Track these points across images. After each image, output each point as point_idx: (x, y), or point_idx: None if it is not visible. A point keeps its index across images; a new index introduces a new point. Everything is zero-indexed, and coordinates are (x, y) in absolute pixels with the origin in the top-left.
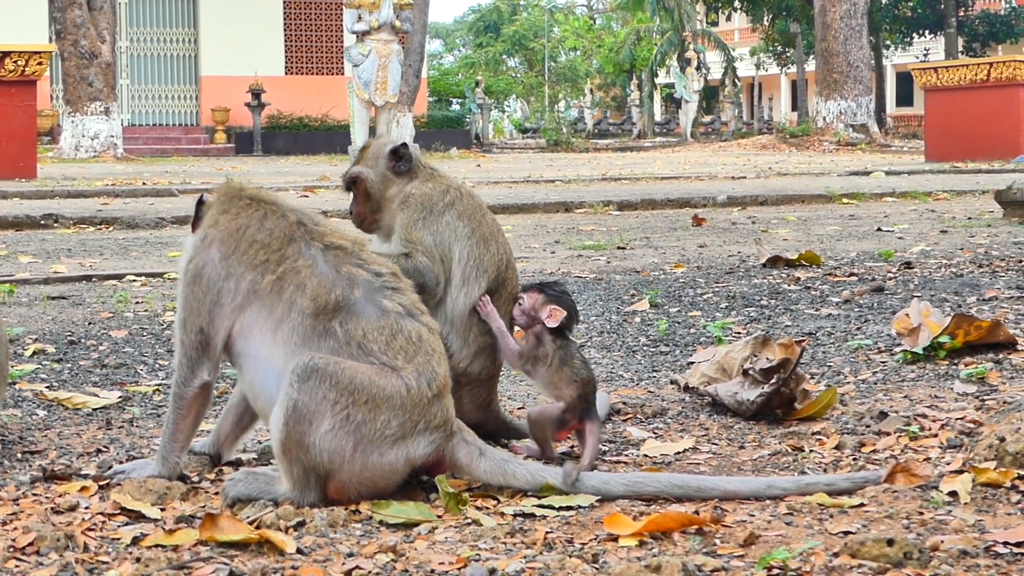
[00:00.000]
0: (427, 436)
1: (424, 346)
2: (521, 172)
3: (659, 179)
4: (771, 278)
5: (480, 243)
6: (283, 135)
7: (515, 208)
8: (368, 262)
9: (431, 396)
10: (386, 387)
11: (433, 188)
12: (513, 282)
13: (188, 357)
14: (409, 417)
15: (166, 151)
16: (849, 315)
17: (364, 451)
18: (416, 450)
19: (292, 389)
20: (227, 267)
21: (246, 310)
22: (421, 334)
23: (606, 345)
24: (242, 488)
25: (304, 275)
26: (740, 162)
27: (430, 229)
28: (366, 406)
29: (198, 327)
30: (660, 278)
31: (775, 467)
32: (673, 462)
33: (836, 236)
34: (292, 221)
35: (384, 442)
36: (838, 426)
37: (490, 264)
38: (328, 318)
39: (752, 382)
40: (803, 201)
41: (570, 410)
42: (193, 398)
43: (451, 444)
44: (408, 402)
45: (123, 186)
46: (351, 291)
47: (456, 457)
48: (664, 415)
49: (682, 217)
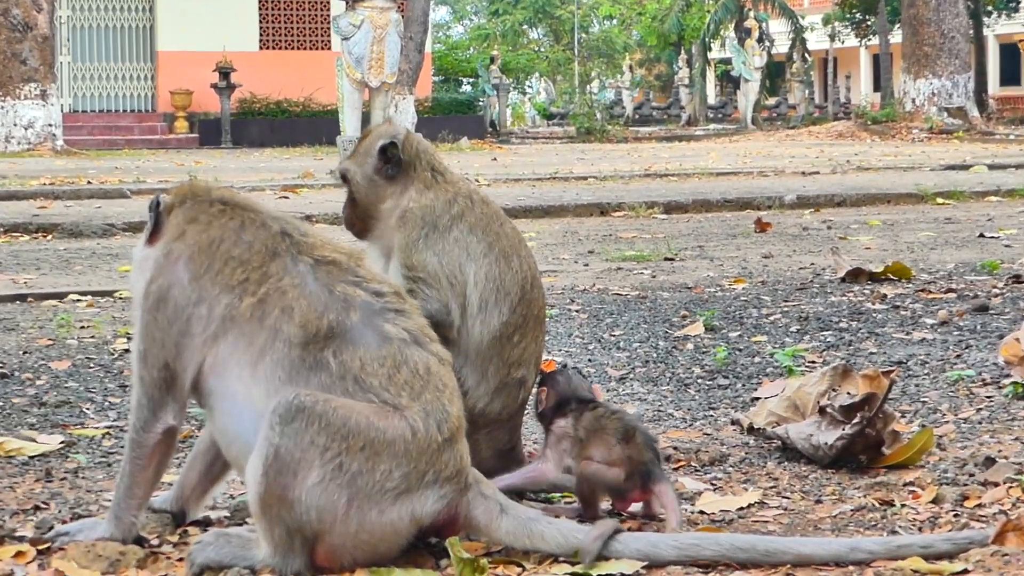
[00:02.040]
0: (436, 489)
1: (433, 380)
2: (546, 167)
3: (714, 175)
4: (851, 295)
5: (500, 260)
6: (257, 123)
7: (539, 211)
8: (367, 279)
9: (441, 441)
10: (387, 430)
11: (436, 198)
12: (540, 304)
13: (149, 397)
14: (415, 467)
15: (116, 143)
16: (947, 340)
17: (360, 508)
18: (423, 507)
19: (273, 433)
20: (198, 289)
21: (221, 340)
22: (430, 366)
23: (652, 378)
24: (212, 553)
25: (291, 297)
26: (812, 154)
27: (434, 249)
28: (362, 453)
29: (162, 362)
30: (717, 296)
31: (859, 525)
32: (735, 520)
33: (930, 244)
34: (275, 231)
35: (385, 497)
36: (935, 475)
37: (512, 284)
38: (319, 348)
39: (831, 422)
40: (889, 201)
41: (630, 477)
42: (154, 445)
43: (466, 499)
44: (414, 448)
45: (64, 186)
46: (347, 315)
47: (472, 515)
48: (724, 462)
49: (742, 221)
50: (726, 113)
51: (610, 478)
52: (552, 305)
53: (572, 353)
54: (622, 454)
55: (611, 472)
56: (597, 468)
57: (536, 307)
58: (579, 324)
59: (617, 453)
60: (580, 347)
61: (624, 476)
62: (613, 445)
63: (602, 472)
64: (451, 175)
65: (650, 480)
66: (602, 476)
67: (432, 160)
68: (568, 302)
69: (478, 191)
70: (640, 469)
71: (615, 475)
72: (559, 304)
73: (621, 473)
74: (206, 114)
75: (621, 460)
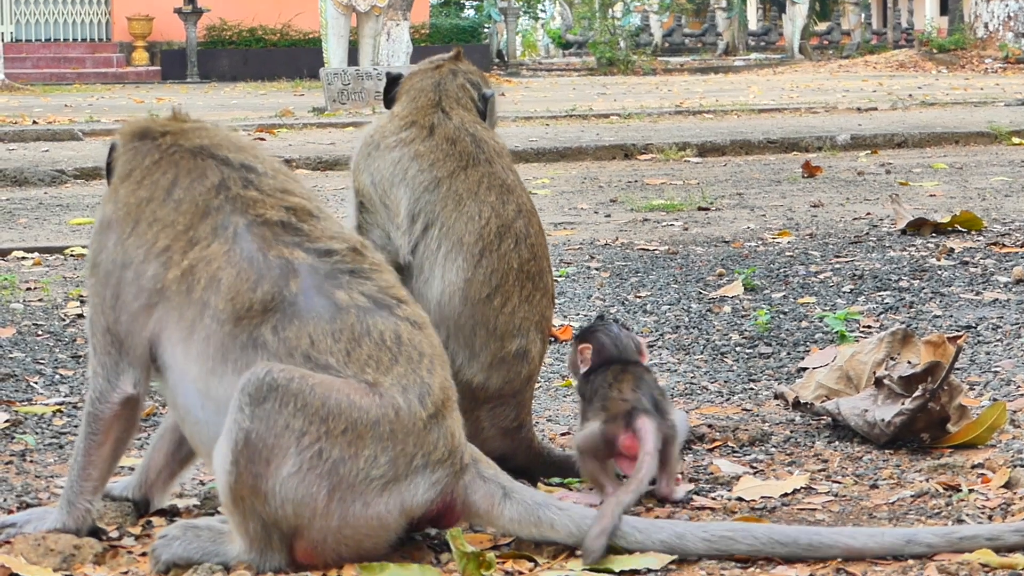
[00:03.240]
0: (428, 475)
1: (405, 350)
2: (562, 103)
3: (756, 112)
4: (913, 250)
5: (448, 200)
6: (228, 53)
7: (554, 154)
8: (314, 237)
9: (426, 417)
10: (370, 410)
11: (390, 122)
12: (524, 259)
13: (102, 363)
14: (402, 449)
15: (65, 76)
16: (1023, 301)
17: (343, 500)
18: (414, 496)
19: (243, 415)
20: (123, 255)
21: (155, 311)
22: (400, 333)
23: (684, 345)
24: (179, 548)
25: (217, 265)
26: (869, 87)
27: (370, 170)
28: (344, 438)
29: (103, 326)
30: (758, 251)
31: (920, 513)
32: (779, 507)
33: (1004, 190)
34: (211, 185)
35: (370, 487)
36: (1008, 456)
37: (467, 232)
38: (255, 323)
39: (888, 395)
40: (957, 141)
41: (611, 419)
42: (112, 418)
43: (462, 483)
44: (399, 429)
45: (6, 126)
46: (286, 283)
47: (471, 501)
48: (766, 442)
49: (788, 165)
50: (770, 41)
51: (594, 433)
52: (569, 263)
53: (591, 318)
54: (620, 405)
55: (591, 425)
56: (585, 432)
57: (515, 262)
58: (599, 284)
59: (611, 402)
60: (601, 310)
61: (604, 418)
62: (621, 400)
63: (588, 431)
64: (450, 113)
65: (633, 418)
66: (590, 434)
67: (437, 95)
68: (587, 259)
69: (455, 129)
70: (623, 409)
71: (595, 427)
72: (577, 261)
73: (599, 423)
74: (169, 43)
75: (609, 407)
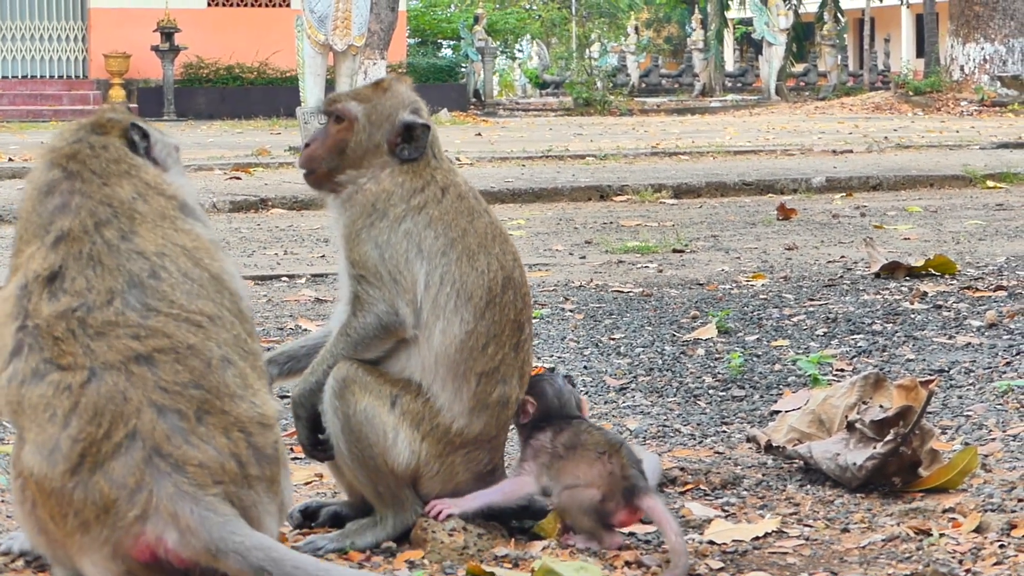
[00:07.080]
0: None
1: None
2: (539, 144)
3: (731, 154)
4: (887, 293)
5: (462, 259)
6: (205, 92)
7: (530, 195)
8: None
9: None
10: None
11: (401, 184)
12: (518, 308)
13: None
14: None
15: (41, 113)
16: (995, 345)
17: None
18: None
19: None
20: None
21: None
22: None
23: (657, 388)
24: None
25: None
26: (844, 129)
27: (376, 241)
28: None
29: None
30: (732, 293)
31: (891, 557)
32: (750, 551)
33: (978, 234)
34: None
35: None
36: (979, 500)
37: (476, 287)
38: None
39: (860, 439)
40: (932, 185)
41: (611, 496)
42: None
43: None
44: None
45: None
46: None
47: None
48: (738, 485)
49: (763, 207)
50: (746, 82)
51: (585, 500)
52: (543, 304)
53: (565, 360)
54: (602, 471)
55: (586, 493)
56: (571, 494)
57: (512, 312)
58: (574, 326)
59: (597, 471)
60: (575, 352)
61: (600, 496)
62: (592, 462)
63: (578, 496)
64: (441, 160)
65: (634, 495)
66: (579, 500)
67: (439, 149)
68: (561, 300)
69: (460, 183)
70: (622, 486)
71: (591, 496)
72: (551, 303)
73: (597, 493)
74: (146, 81)
75: (600, 478)
